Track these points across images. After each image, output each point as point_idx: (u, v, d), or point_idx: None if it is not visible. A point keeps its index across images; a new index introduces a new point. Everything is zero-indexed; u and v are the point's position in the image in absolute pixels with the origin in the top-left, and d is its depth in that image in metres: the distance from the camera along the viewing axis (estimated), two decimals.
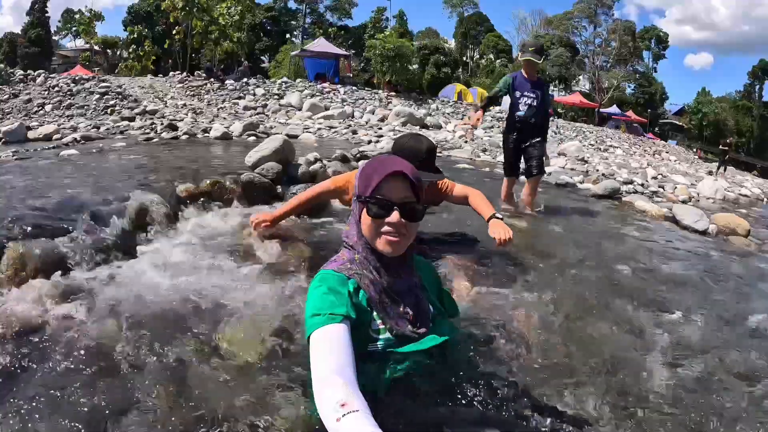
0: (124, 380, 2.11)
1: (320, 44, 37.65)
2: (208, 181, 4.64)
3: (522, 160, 6.30)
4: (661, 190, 9.62)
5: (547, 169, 9.60)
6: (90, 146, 9.04)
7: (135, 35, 39.00)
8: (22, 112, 17.67)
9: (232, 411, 1.93)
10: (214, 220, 4.11)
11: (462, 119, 23.38)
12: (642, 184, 9.70)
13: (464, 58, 57.40)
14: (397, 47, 31.84)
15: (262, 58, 54.25)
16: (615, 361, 2.55)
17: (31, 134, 11.16)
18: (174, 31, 30.60)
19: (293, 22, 59.06)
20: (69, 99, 19.47)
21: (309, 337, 1.70)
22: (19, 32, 49.83)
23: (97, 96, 20.09)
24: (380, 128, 15.85)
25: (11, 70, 21.62)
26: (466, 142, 13.93)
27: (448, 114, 26.21)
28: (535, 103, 6.00)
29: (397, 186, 1.86)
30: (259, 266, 3.31)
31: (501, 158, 10.44)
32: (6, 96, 19.13)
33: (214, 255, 3.44)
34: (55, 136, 10.84)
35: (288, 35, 57.86)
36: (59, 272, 3.03)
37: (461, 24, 57.62)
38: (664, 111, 61.22)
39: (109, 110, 18.51)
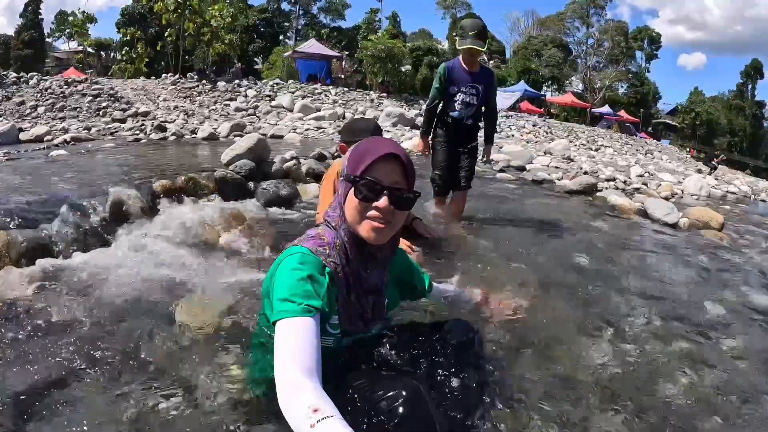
0: (88, 352, 2.32)
1: (312, 45, 38.01)
2: (183, 178, 4.93)
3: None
4: (644, 187, 9.51)
5: (528, 167, 9.85)
6: (79, 147, 9.33)
7: (128, 37, 39.18)
8: (15, 114, 17.85)
9: (184, 376, 2.15)
10: (186, 214, 4.32)
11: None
12: (624, 182, 9.56)
13: None
14: (389, 48, 32.06)
15: (256, 59, 54.41)
16: (553, 346, 2.67)
17: (23, 136, 11.42)
18: (166, 33, 30.77)
19: (286, 24, 59.33)
20: (62, 101, 19.66)
21: (276, 322, 1.59)
22: (12, 34, 49.87)
23: (90, 98, 20.29)
24: None
25: (4, 73, 21.77)
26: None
27: None
28: (474, 101, 5.00)
29: (390, 169, 1.76)
30: (221, 254, 3.61)
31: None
32: None
33: (181, 244, 3.73)
34: (46, 138, 11.10)
35: (281, 37, 58.09)
36: (40, 259, 3.32)
37: (454, 25, 57.81)
38: (657, 111, 61.65)
39: (101, 112, 18.72)
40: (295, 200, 5.25)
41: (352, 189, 1.75)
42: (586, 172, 10.09)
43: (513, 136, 22.98)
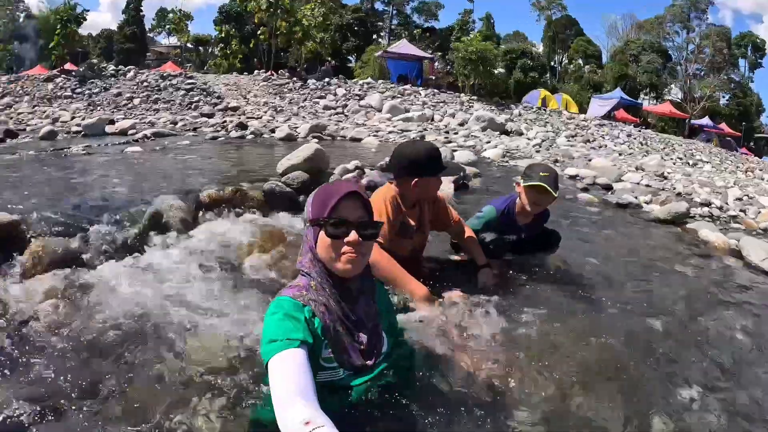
0: (95, 371, 2.33)
1: (403, 46, 37.78)
2: (230, 189, 4.80)
3: None
4: (741, 214, 8.22)
5: (616, 185, 9.13)
6: (156, 143, 9.50)
7: (223, 34, 40.36)
8: (111, 105, 18.61)
9: (187, 412, 2.08)
10: (226, 228, 4.21)
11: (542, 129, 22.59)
12: (720, 207, 8.67)
13: (552, 63, 56.14)
14: (481, 50, 31.40)
15: (349, 58, 54.84)
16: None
17: (108, 128, 11.77)
18: (259, 32, 31.38)
19: (380, 23, 59.51)
20: (156, 94, 20.38)
21: (267, 364, 1.69)
22: (115, 29, 52.36)
23: (183, 92, 20.90)
24: (456, 132, 15.47)
25: (103, 65, 22.70)
26: (538, 151, 13.48)
27: (531, 120, 25.59)
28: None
29: (352, 206, 1.90)
30: (247, 278, 3.46)
31: (570, 170, 9.90)
32: (98, 89, 20.14)
33: (211, 264, 3.59)
34: (130, 131, 11.40)
35: (375, 36, 58.27)
36: (68, 269, 3.31)
37: (549, 28, 56.37)
38: (760, 125, 57.15)
39: (192, 105, 19.21)
40: None
41: (322, 231, 1.90)
42: (679, 193, 9.16)
43: (606, 146, 21.96)
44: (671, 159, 21.67)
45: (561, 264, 4.28)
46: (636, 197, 7.86)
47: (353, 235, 1.87)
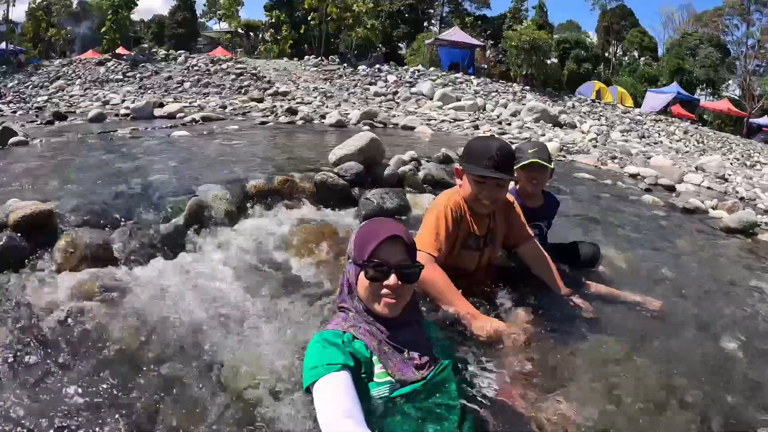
0: (123, 384, 2.14)
1: (455, 33, 37.09)
2: (279, 179, 4.43)
3: None
4: None
5: (678, 187, 8.60)
6: (204, 127, 9.27)
7: (274, 19, 40.36)
8: (161, 88, 18.70)
9: None
10: (272, 223, 3.90)
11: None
12: None
13: (606, 54, 54.54)
14: (534, 40, 30.62)
15: (400, 45, 54.30)
16: None
17: (157, 111, 11.63)
18: (310, 17, 31.27)
19: (431, 10, 58.67)
20: (206, 78, 20.41)
21: (311, 389, 1.73)
22: (167, 15, 52.98)
23: (233, 76, 20.91)
24: (509, 123, 15.10)
25: (154, 49, 22.86)
26: (595, 146, 12.90)
27: (584, 113, 24.77)
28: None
29: (394, 249, 1.91)
30: (295, 284, 3.11)
31: (630, 168, 9.48)
32: (149, 73, 20.24)
33: (256, 264, 3.31)
34: (179, 115, 11.23)
35: (426, 23, 57.53)
36: (99, 267, 3.02)
37: (604, 17, 54.55)
38: None
39: (242, 90, 19.10)
40: (404, 214, 4.54)
41: (362, 272, 1.92)
42: (742, 198, 8.63)
43: (661, 142, 21.06)
44: (728, 159, 20.67)
45: (632, 278, 3.95)
46: (702, 201, 7.31)
47: (392, 279, 1.89)
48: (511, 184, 3.55)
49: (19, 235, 3.03)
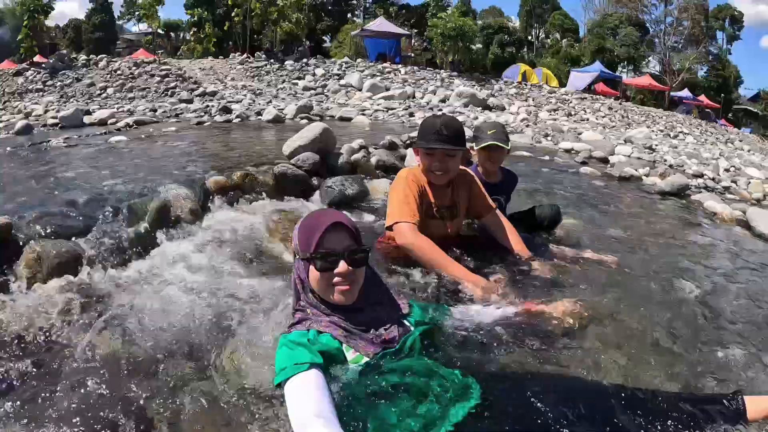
0: (117, 392, 2.05)
1: (380, 24, 37.16)
2: (239, 174, 4.42)
3: None
4: (733, 185, 8.37)
5: (611, 158, 9.00)
6: (141, 131, 9.02)
7: (195, 18, 39.50)
8: (84, 96, 18.01)
9: None
10: (238, 217, 3.90)
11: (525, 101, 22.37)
12: (713, 179, 8.61)
13: (529, 38, 55.74)
14: (459, 27, 31.00)
15: (324, 38, 53.99)
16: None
17: (87, 119, 11.23)
18: (233, 13, 30.78)
19: (354, 2, 58.55)
20: (130, 82, 19.78)
21: (280, 385, 1.74)
22: (83, 18, 51.08)
23: (158, 79, 20.34)
24: (440, 109, 15.28)
25: (74, 56, 22.07)
26: (528, 126, 13.26)
27: (512, 95, 25.27)
28: None
29: (338, 236, 1.94)
30: (271, 278, 3.03)
31: (564, 144, 9.84)
32: (70, 80, 19.53)
33: (227, 260, 3.27)
34: (110, 121, 10.84)
35: (349, 15, 57.39)
36: (70, 275, 2.95)
37: (525, 2, 55.71)
38: (738, 96, 56.72)
39: (169, 92, 18.64)
40: (364, 199, 4.67)
41: (311, 265, 1.93)
42: (671, 165, 9.23)
43: (588, 119, 21.76)
44: (653, 131, 21.54)
45: (588, 240, 4.28)
46: (636, 170, 7.89)
47: (342, 266, 1.90)
48: (475, 160, 3.92)
49: None
